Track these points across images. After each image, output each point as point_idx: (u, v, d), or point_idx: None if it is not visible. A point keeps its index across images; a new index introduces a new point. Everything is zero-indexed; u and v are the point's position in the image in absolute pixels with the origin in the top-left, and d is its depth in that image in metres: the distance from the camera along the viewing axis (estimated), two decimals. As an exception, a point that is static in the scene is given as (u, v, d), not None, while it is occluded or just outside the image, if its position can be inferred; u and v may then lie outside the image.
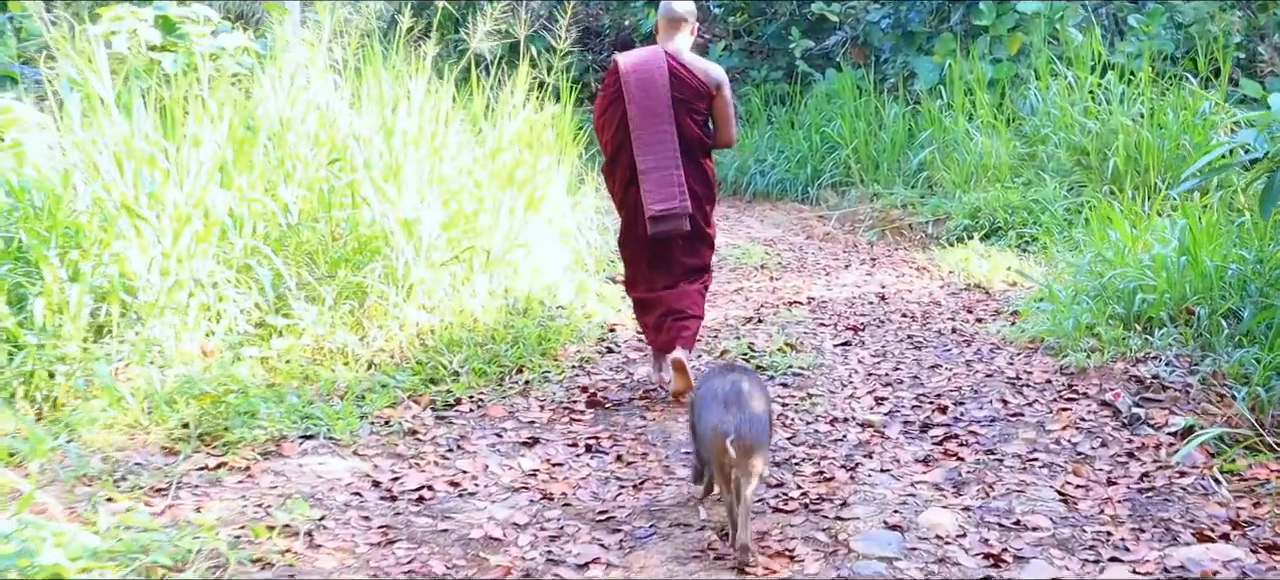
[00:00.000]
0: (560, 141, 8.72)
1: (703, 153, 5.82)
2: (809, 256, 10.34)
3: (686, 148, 5.71)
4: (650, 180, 5.62)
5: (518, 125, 7.91)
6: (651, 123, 5.62)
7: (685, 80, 5.70)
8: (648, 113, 5.62)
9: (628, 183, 5.77)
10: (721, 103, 5.79)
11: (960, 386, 5.96)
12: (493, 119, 8.03)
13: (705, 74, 5.76)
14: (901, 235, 11.29)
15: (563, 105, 9.11)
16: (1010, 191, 10.73)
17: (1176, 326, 6.47)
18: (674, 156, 5.64)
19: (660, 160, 5.62)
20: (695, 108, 5.73)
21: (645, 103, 5.62)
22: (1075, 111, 11.45)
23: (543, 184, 7.93)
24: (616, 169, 5.83)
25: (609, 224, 9.51)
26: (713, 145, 5.90)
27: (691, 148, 5.74)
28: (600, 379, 6.21)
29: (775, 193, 14.30)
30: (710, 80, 5.76)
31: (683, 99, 5.68)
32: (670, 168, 5.62)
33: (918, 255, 10.13)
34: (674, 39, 5.82)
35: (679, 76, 5.69)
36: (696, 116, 5.75)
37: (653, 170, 5.62)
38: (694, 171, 5.75)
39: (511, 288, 6.96)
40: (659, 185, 5.62)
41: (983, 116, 11.99)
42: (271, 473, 4.67)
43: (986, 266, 9.00)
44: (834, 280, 9.08)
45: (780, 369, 6.25)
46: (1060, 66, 12.00)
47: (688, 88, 5.70)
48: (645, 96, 5.62)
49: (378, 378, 5.80)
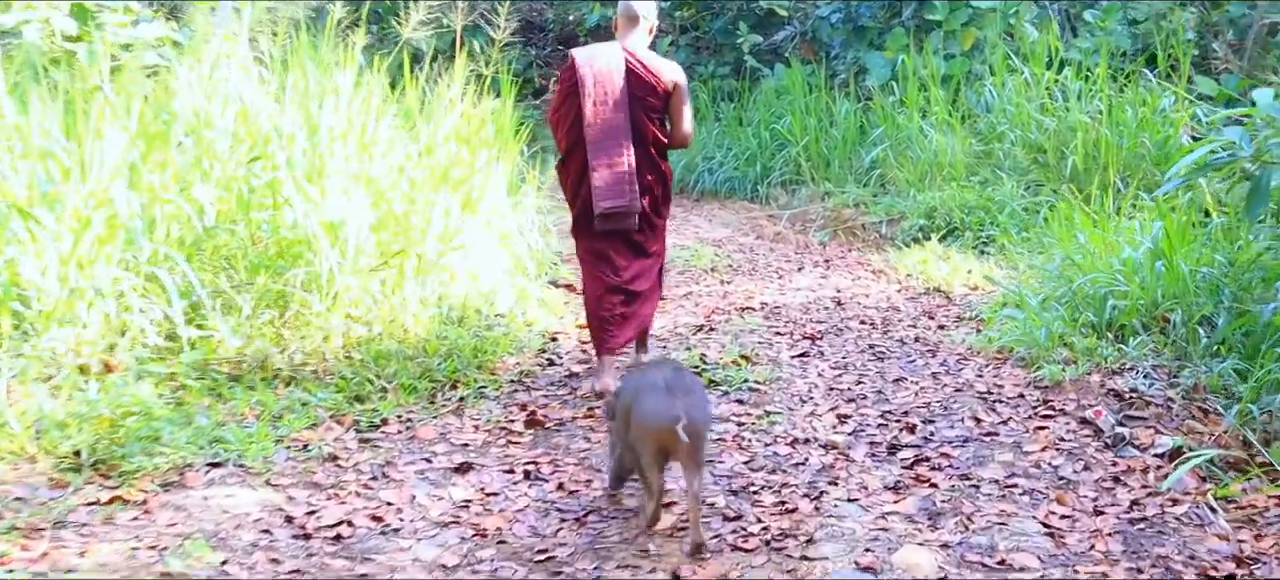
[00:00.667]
0: (500, 138, 8.21)
1: (659, 152, 5.73)
2: (760, 258, 9.90)
3: (642, 146, 5.63)
4: (601, 177, 5.53)
5: (454, 121, 7.40)
6: (606, 119, 5.54)
7: (642, 78, 5.61)
8: (603, 109, 5.54)
9: (580, 179, 5.65)
10: (678, 102, 5.70)
11: (928, 402, 5.53)
12: (427, 114, 7.52)
13: (663, 72, 5.67)
14: (854, 235, 10.89)
15: (503, 100, 8.61)
16: (966, 190, 10.36)
17: (1150, 334, 6.11)
18: (628, 154, 5.55)
19: (613, 158, 5.53)
20: (651, 106, 5.65)
21: (601, 99, 5.54)
22: (1032, 109, 11.11)
23: (481, 183, 7.43)
24: (570, 164, 5.73)
25: (552, 225, 9.04)
26: (669, 145, 5.80)
27: (647, 146, 5.65)
28: (541, 395, 5.72)
29: (724, 191, 13.85)
30: (667, 79, 5.66)
31: (639, 96, 5.60)
32: (622, 165, 5.54)
33: (873, 257, 9.72)
34: (631, 36, 5.75)
35: (636, 74, 5.60)
36: (653, 115, 5.66)
37: (605, 167, 5.53)
38: (650, 170, 5.68)
39: (446, 295, 6.46)
40: (610, 183, 5.53)
41: (937, 113, 11.61)
42: (171, 507, 4.15)
43: (946, 269, 8.60)
44: (787, 284, 8.65)
45: (735, 383, 5.78)
46: (1017, 62, 11.65)
47: (645, 85, 5.61)
48: (601, 93, 5.54)
49: (298, 395, 5.28)
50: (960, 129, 11.21)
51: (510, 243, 7.76)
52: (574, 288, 8.27)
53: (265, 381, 5.39)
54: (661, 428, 3.76)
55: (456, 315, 6.34)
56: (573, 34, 19.51)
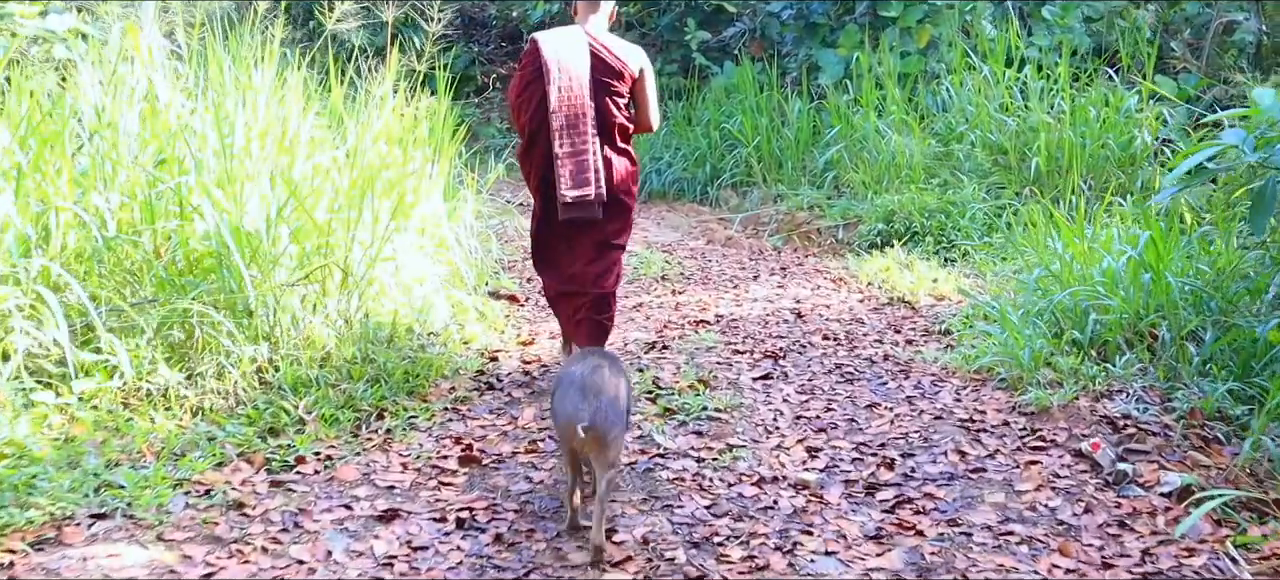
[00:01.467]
0: (436, 138, 7.61)
1: (624, 138, 5.55)
2: (713, 265, 9.35)
3: (607, 133, 5.44)
4: (566, 165, 5.32)
5: (385, 121, 6.79)
6: (571, 106, 5.32)
7: (608, 62, 5.40)
8: (566, 94, 5.31)
9: (544, 167, 5.43)
10: (643, 87, 5.53)
11: (906, 431, 5.00)
12: (355, 113, 6.89)
13: (627, 56, 5.46)
14: (810, 240, 10.37)
15: (439, 99, 8.00)
16: (926, 194, 9.88)
17: (1134, 351, 5.64)
18: (592, 142, 5.34)
19: (578, 145, 5.33)
20: (617, 91, 5.45)
21: (565, 84, 5.31)
22: (992, 108, 10.66)
23: (414, 187, 6.83)
24: (533, 153, 5.48)
25: (492, 230, 8.47)
26: (635, 130, 5.63)
27: (612, 132, 5.46)
28: (478, 425, 5.12)
29: (672, 193, 13.30)
30: (632, 63, 5.46)
31: (605, 82, 5.39)
32: (587, 153, 5.33)
33: (831, 263, 9.21)
34: (592, 20, 5.54)
35: (600, 58, 5.39)
36: (618, 100, 5.46)
37: (570, 155, 5.32)
38: (616, 157, 5.49)
39: (374, 311, 5.84)
40: (575, 171, 5.33)
41: (894, 113, 11.13)
42: (42, 571, 3.53)
43: (910, 278, 8.10)
44: (743, 294, 8.10)
45: (694, 412, 5.21)
46: (975, 60, 11.19)
47: (610, 70, 5.40)
48: (566, 78, 5.31)
49: (204, 429, 4.67)
50: (918, 129, 10.73)
51: (447, 251, 7.16)
52: (517, 298, 7.70)
53: (168, 413, 4.77)
54: (566, 427, 3.77)
55: (385, 334, 5.74)
56: (516, 30, 18.90)
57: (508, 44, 19.41)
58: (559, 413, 3.86)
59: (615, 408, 3.83)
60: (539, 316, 7.35)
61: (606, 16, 5.60)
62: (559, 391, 3.92)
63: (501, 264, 8.59)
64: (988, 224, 9.51)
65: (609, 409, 3.79)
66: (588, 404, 3.74)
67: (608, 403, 3.80)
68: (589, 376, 3.86)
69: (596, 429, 3.70)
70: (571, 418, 3.73)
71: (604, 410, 3.76)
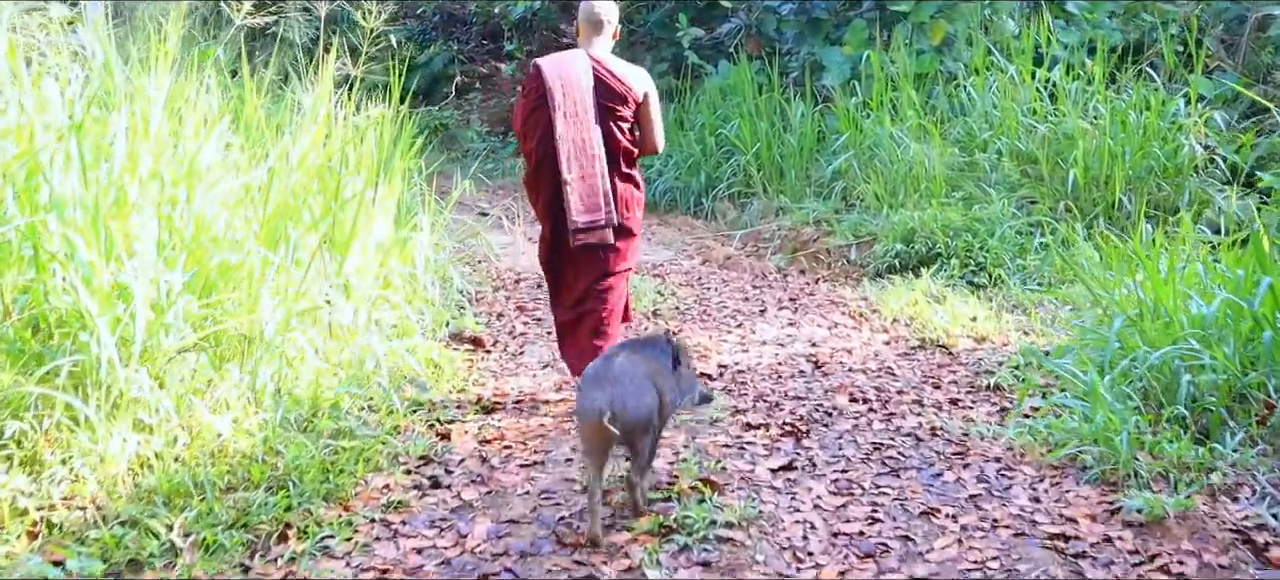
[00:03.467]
0: (385, 154, 6.31)
1: (629, 161, 5.38)
2: (712, 294, 8.05)
3: (613, 157, 5.27)
4: (575, 191, 5.17)
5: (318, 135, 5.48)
6: (576, 131, 5.17)
7: (611, 86, 5.24)
8: (573, 120, 5.16)
9: (553, 194, 5.25)
10: (648, 110, 5.36)
11: (981, 557, 3.68)
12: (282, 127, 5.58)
13: (632, 80, 5.31)
14: (818, 262, 9.08)
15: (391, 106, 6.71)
16: (949, 210, 8.59)
17: (1239, 422, 4.40)
18: (600, 166, 5.20)
19: (585, 170, 5.18)
20: (621, 115, 5.29)
21: (570, 110, 5.16)
22: (1019, 112, 9.38)
23: (353, 217, 5.53)
24: (540, 179, 5.30)
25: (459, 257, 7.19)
26: (640, 153, 5.45)
27: (618, 157, 5.30)
28: (412, 547, 3.77)
29: (664, 204, 11.99)
30: (637, 86, 5.31)
31: (610, 107, 5.24)
32: (595, 177, 5.19)
33: (847, 293, 7.89)
34: (595, 42, 5.36)
35: (605, 82, 5.23)
36: (623, 123, 5.31)
37: (577, 180, 5.17)
38: (622, 181, 5.33)
39: (289, 382, 4.53)
40: (585, 196, 5.18)
41: (910, 119, 9.82)
42: None
43: (943, 316, 6.80)
44: (749, 334, 6.79)
45: (698, 529, 3.83)
46: (1000, 58, 9.90)
47: (614, 94, 5.24)
48: (570, 103, 5.16)
49: (37, 567, 3.36)
50: (938, 136, 9.43)
51: (394, 292, 5.86)
52: (482, 342, 6.41)
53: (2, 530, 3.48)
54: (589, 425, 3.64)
55: (303, 413, 4.43)
56: (497, 27, 17.58)
57: (489, 42, 18.09)
58: (579, 413, 3.74)
59: (638, 394, 3.71)
60: (506, 366, 6.07)
61: (610, 38, 5.39)
62: (580, 392, 3.82)
63: (468, 296, 7.29)
64: (1019, 245, 8.24)
65: (630, 395, 3.67)
66: (603, 393, 3.62)
67: (628, 389, 3.68)
68: (603, 368, 3.80)
69: (617, 414, 3.57)
70: (590, 412, 3.60)
71: (623, 397, 3.64)
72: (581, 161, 5.16)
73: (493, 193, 13.10)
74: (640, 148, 5.43)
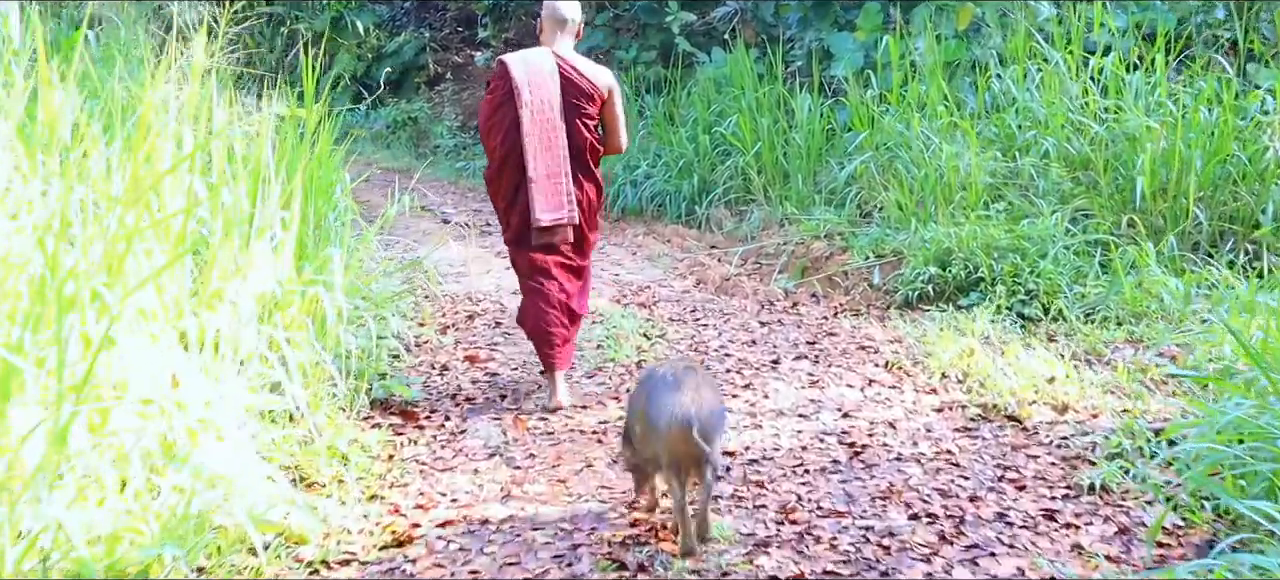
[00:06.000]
0: (287, 165, 4.68)
1: (593, 160, 5.29)
2: (710, 332, 6.39)
3: (577, 155, 5.18)
4: (539, 189, 5.08)
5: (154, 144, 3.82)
6: (542, 128, 5.09)
7: (577, 84, 5.15)
8: (538, 117, 5.08)
9: (515, 190, 5.15)
10: (612, 107, 5.28)
11: None
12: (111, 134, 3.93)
13: (596, 78, 5.21)
14: (834, 286, 7.47)
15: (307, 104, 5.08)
16: (991, 225, 6.98)
17: None
18: (564, 164, 5.13)
19: (550, 168, 5.10)
20: (586, 112, 5.20)
21: (536, 107, 5.07)
22: (1070, 107, 7.77)
23: (226, 255, 3.90)
24: (503, 176, 5.18)
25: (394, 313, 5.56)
26: (603, 152, 5.36)
27: (582, 155, 5.21)
28: None
29: (651, 210, 10.34)
30: (601, 84, 5.22)
31: (574, 103, 5.15)
32: (560, 176, 5.12)
33: (875, 332, 6.25)
34: (559, 40, 5.25)
35: (570, 79, 5.14)
36: (587, 121, 5.21)
37: (543, 178, 5.09)
38: (585, 179, 5.24)
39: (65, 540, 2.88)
40: (549, 194, 5.10)
41: (941, 116, 8.19)
42: None
43: (1008, 375, 5.16)
44: (760, 399, 5.13)
45: None
46: (1043, 45, 8.27)
47: (579, 92, 5.16)
48: (537, 100, 5.07)
49: None
50: (974, 135, 7.79)
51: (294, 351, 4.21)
52: (414, 415, 4.79)
53: None
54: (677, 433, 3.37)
55: None
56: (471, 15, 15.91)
57: (464, 28, 16.40)
58: (662, 419, 3.40)
59: (718, 407, 3.55)
60: (440, 454, 4.45)
61: (573, 35, 5.31)
62: (654, 399, 3.48)
63: (406, 343, 5.66)
64: (1075, 268, 6.65)
65: (714, 410, 3.47)
66: (684, 400, 3.38)
67: (706, 396, 3.46)
68: (684, 377, 3.50)
69: (706, 430, 3.36)
70: (682, 421, 3.33)
71: (709, 410, 3.42)
72: (547, 159, 5.08)
73: (461, 195, 11.47)
74: (605, 146, 5.35)
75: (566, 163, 5.11)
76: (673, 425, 3.35)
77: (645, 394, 3.57)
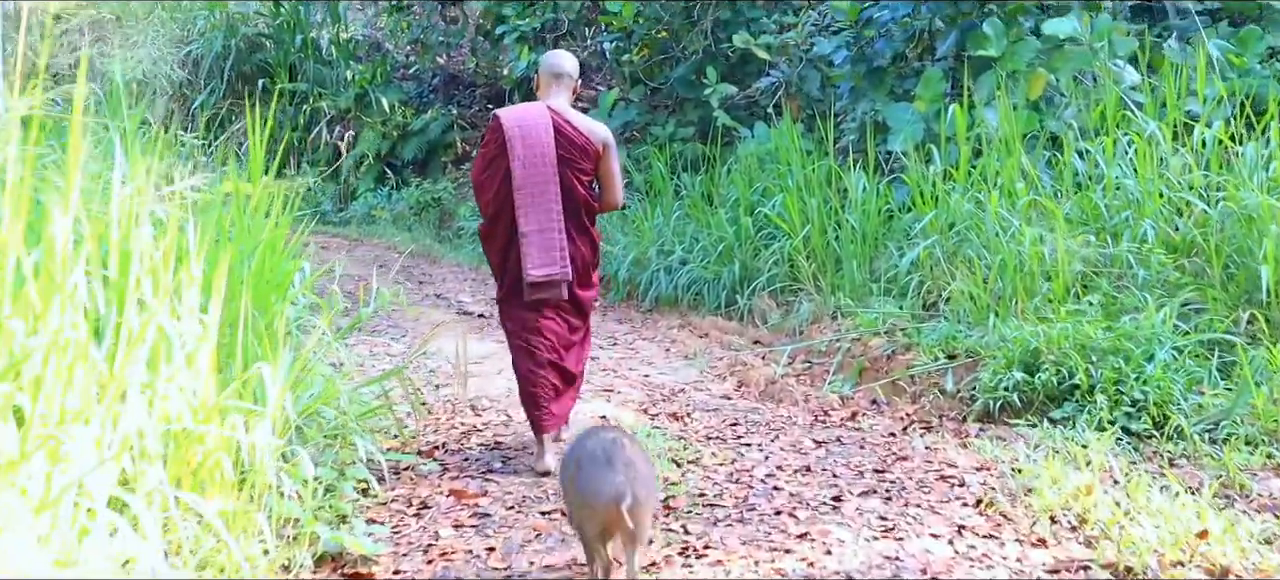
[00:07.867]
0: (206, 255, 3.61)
1: (588, 216, 5.16)
2: (754, 456, 5.17)
3: (571, 210, 5.05)
4: (532, 244, 4.96)
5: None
6: (535, 182, 4.96)
7: (571, 138, 5.02)
8: (531, 171, 4.95)
9: (508, 245, 5.03)
10: (609, 163, 5.15)
11: None
12: None
13: (591, 132, 5.09)
14: (899, 392, 6.29)
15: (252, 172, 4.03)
16: (1087, 322, 5.80)
17: None
18: (558, 219, 4.99)
19: (543, 223, 4.97)
20: (581, 167, 5.07)
21: (530, 159, 4.95)
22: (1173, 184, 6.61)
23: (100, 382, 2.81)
24: (496, 231, 5.10)
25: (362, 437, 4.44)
26: (599, 209, 5.24)
27: (577, 210, 5.07)
28: None
29: (687, 299, 9.19)
30: (596, 138, 5.09)
31: (568, 158, 5.02)
32: (553, 231, 4.98)
33: (957, 457, 5.03)
34: (555, 95, 5.14)
35: (564, 134, 5.02)
36: (582, 177, 5.09)
37: (535, 233, 4.96)
38: (579, 235, 5.10)
39: None
40: (541, 249, 4.96)
41: (1021, 194, 7.03)
42: None
43: (1141, 523, 3.94)
44: (820, 556, 3.88)
45: None
46: (1136, 114, 7.11)
47: (574, 146, 5.03)
48: (531, 154, 4.96)
49: None
50: (1060, 215, 6.62)
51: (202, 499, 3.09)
52: (371, 576, 3.64)
53: None
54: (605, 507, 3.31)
55: None
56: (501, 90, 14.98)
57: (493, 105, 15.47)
58: (592, 492, 3.34)
59: (650, 478, 3.47)
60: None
61: (569, 91, 5.16)
62: (583, 470, 3.41)
63: (377, 472, 4.53)
64: (1188, 373, 5.46)
65: (646, 480, 3.41)
66: (620, 477, 3.31)
67: (641, 473, 3.38)
68: (613, 448, 3.40)
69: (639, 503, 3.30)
70: (612, 496, 3.28)
71: (641, 482, 3.35)
72: (539, 214, 4.97)
73: (482, 280, 10.39)
74: (600, 202, 5.25)
75: (560, 218, 5.00)
76: (611, 504, 3.28)
77: (576, 469, 3.47)
